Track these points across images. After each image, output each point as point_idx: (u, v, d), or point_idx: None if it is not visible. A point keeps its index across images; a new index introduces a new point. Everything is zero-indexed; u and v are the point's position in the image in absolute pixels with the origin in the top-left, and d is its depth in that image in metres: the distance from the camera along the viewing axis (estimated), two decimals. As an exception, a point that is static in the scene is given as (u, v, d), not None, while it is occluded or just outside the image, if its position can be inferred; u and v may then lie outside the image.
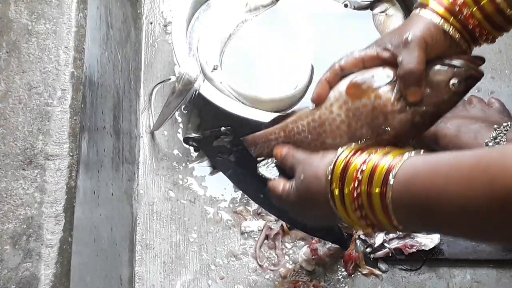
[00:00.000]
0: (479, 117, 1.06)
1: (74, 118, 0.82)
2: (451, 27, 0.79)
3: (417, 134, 0.83)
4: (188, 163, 1.12)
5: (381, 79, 0.80)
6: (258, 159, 0.87)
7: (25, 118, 0.81)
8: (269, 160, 0.86)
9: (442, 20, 0.79)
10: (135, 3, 1.24)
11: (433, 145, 1.08)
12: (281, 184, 0.81)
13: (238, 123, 1.04)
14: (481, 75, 0.80)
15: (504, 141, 0.98)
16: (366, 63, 0.82)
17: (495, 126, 1.01)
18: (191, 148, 1.13)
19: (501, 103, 1.10)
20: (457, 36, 0.80)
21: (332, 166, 0.72)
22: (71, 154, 0.80)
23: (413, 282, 1.02)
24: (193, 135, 1.11)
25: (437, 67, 0.79)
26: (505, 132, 0.99)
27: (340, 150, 0.74)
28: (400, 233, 0.97)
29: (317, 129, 0.83)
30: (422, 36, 0.78)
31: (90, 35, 0.91)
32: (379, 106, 0.79)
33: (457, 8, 0.79)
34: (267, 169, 0.86)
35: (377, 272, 1.03)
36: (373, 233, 1.02)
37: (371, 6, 1.22)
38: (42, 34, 0.87)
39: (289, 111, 0.89)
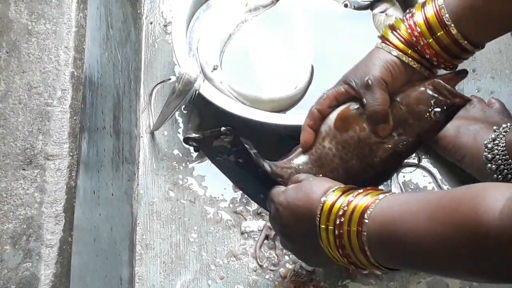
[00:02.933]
0: (479, 118, 1.06)
1: (74, 118, 0.82)
2: (410, 58, 0.83)
3: (402, 161, 0.87)
4: (188, 163, 1.12)
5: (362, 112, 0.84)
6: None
7: (25, 118, 0.81)
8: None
9: (401, 53, 0.83)
10: (135, 3, 1.24)
11: (433, 145, 1.08)
12: (282, 187, 0.85)
13: (238, 123, 1.04)
14: (464, 103, 0.82)
15: (503, 143, 0.98)
16: (339, 100, 0.86)
17: (495, 127, 1.01)
18: (191, 148, 1.13)
19: (501, 103, 1.10)
20: (416, 66, 0.83)
21: (321, 205, 0.76)
22: (71, 154, 0.80)
23: (413, 282, 1.02)
24: (193, 135, 1.11)
25: (419, 95, 0.82)
26: (504, 133, 0.99)
27: (329, 192, 0.77)
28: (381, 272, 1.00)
29: (317, 162, 0.87)
30: (381, 77, 0.82)
31: (90, 35, 0.91)
32: (363, 138, 0.84)
33: (414, 40, 0.82)
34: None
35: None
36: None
37: (371, 6, 1.22)
38: (42, 34, 0.87)
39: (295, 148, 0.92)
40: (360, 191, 0.75)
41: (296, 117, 1.06)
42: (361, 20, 1.22)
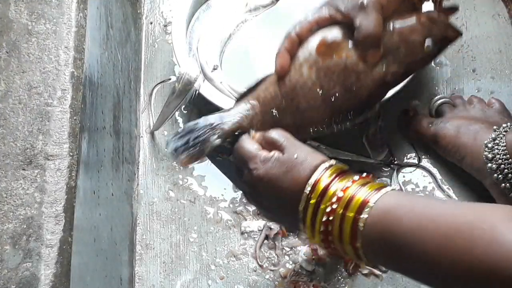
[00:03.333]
0: (479, 118, 1.06)
1: (74, 118, 0.82)
2: None
3: (387, 91, 0.83)
4: (188, 163, 1.12)
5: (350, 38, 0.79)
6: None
7: (25, 118, 0.81)
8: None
9: None
10: (135, 3, 1.24)
11: (433, 145, 1.08)
12: (260, 148, 0.77)
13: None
14: (458, 35, 0.79)
15: (503, 142, 0.98)
16: (321, 25, 0.81)
17: (495, 127, 1.01)
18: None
19: (501, 103, 1.10)
20: None
21: (313, 181, 0.71)
22: (71, 154, 0.80)
23: (413, 282, 1.02)
24: (193, 135, 1.11)
25: (414, 25, 0.78)
26: (504, 133, 0.99)
27: (321, 168, 0.72)
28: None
29: (290, 93, 0.80)
30: None
31: (90, 35, 0.91)
32: (351, 65, 0.78)
33: None
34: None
35: (377, 272, 1.03)
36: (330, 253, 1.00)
37: (371, 6, 1.22)
38: (42, 34, 0.87)
39: (257, 80, 0.84)
40: (356, 177, 0.71)
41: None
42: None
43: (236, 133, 0.82)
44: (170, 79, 1.11)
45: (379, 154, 1.09)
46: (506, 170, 0.96)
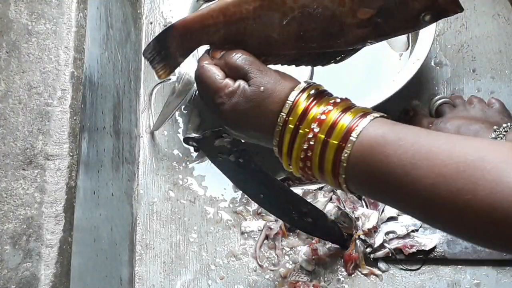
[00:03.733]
0: (479, 118, 1.06)
1: (74, 118, 0.82)
2: None
3: (364, 46, 0.75)
4: (188, 163, 1.12)
5: None
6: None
7: (25, 118, 0.81)
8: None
9: None
10: (135, 3, 1.24)
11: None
12: (223, 75, 0.71)
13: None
14: (454, 12, 0.71)
15: (503, 142, 0.98)
16: None
17: (495, 127, 1.01)
18: (191, 148, 1.13)
19: (502, 103, 1.10)
20: None
21: (292, 102, 0.67)
22: (71, 154, 0.80)
23: (413, 282, 1.02)
24: (193, 135, 1.11)
25: None
26: (504, 133, 0.99)
27: (298, 88, 0.68)
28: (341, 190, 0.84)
29: (263, 18, 0.73)
30: None
31: (90, 35, 0.91)
32: (340, 14, 0.72)
33: None
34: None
35: (377, 272, 1.03)
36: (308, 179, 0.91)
37: (371, 6, 1.21)
38: (42, 34, 0.87)
39: None
40: (338, 100, 0.66)
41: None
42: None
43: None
44: (170, 79, 1.11)
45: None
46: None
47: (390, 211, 1.04)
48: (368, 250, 1.03)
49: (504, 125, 1.00)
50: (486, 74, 1.18)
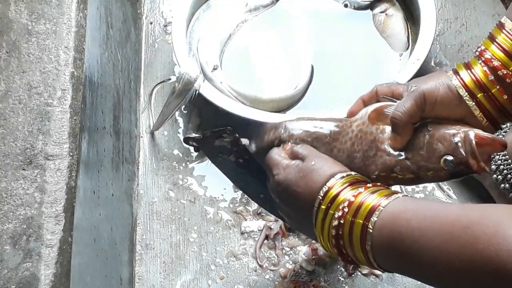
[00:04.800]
0: (479, 117, 1.06)
1: (74, 118, 0.82)
2: (466, 93, 0.76)
3: (392, 185, 0.82)
4: (188, 163, 1.12)
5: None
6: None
7: (25, 118, 0.81)
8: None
9: (459, 84, 0.77)
10: (135, 3, 1.24)
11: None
12: (286, 157, 0.82)
13: (238, 123, 1.04)
14: (478, 170, 0.74)
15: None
16: (395, 96, 0.82)
17: (495, 127, 1.01)
18: (191, 148, 1.13)
19: (501, 103, 1.10)
20: (471, 103, 0.76)
21: (326, 188, 0.74)
22: (71, 154, 0.80)
23: (413, 282, 1.02)
24: (193, 135, 1.11)
25: (446, 135, 0.76)
26: (504, 133, 0.99)
27: (337, 176, 0.75)
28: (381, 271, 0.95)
29: (333, 135, 0.85)
30: (423, 91, 0.77)
31: (90, 35, 0.91)
32: (378, 140, 0.81)
33: (492, 78, 0.75)
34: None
35: (377, 272, 1.03)
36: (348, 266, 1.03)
37: (371, 6, 1.22)
38: (42, 34, 0.87)
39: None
40: (369, 185, 0.74)
41: (296, 117, 1.06)
42: (361, 20, 1.22)
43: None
44: (170, 79, 1.11)
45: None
46: (505, 171, 0.96)
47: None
48: (368, 250, 1.03)
49: (503, 126, 1.00)
50: (486, 74, 1.18)
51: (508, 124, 1.01)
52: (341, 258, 0.74)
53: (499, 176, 0.97)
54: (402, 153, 0.79)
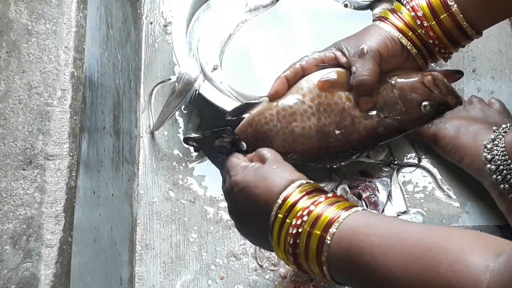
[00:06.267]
0: (479, 118, 1.06)
1: (74, 118, 0.82)
2: (409, 42, 0.81)
3: (379, 143, 0.85)
4: (188, 163, 1.12)
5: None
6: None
7: (25, 118, 0.81)
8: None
9: (401, 34, 0.81)
10: (135, 3, 1.24)
11: (433, 145, 1.08)
12: (246, 159, 0.81)
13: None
14: (456, 104, 0.81)
15: (502, 143, 0.98)
16: (327, 64, 0.84)
17: (494, 128, 1.01)
18: (191, 148, 1.13)
19: (502, 103, 1.10)
20: (413, 51, 0.82)
21: (282, 198, 0.72)
22: (71, 154, 0.80)
23: (413, 282, 1.02)
24: (193, 135, 1.11)
25: (416, 84, 0.80)
26: (503, 133, 0.99)
27: (296, 183, 0.73)
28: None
29: (287, 117, 0.83)
30: (377, 49, 0.80)
31: (90, 35, 0.91)
32: (348, 108, 0.82)
33: (418, 22, 0.81)
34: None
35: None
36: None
37: (371, 6, 1.22)
38: (42, 34, 0.87)
39: (250, 101, 0.89)
40: (329, 195, 0.72)
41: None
42: (361, 20, 1.21)
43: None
44: (170, 79, 1.11)
45: (379, 154, 1.09)
46: (505, 171, 0.96)
47: (390, 211, 1.04)
48: (368, 250, 1.03)
49: (504, 125, 1.00)
50: (486, 74, 1.19)
51: (508, 124, 1.01)
52: (296, 267, 0.73)
53: (499, 177, 0.97)
54: (380, 114, 0.81)
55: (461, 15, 0.79)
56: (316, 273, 0.70)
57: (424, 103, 0.80)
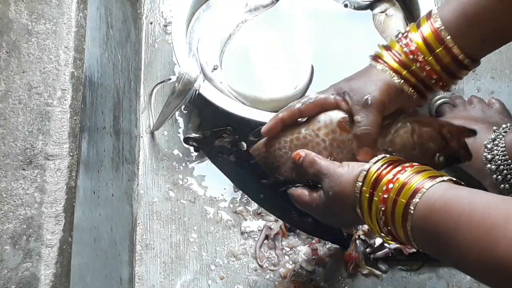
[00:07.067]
0: (479, 118, 1.06)
1: (74, 118, 0.82)
2: (402, 80, 0.80)
3: None
4: (188, 163, 1.12)
5: None
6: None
7: (25, 118, 0.81)
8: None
9: (402, 80, 0.80)
10: (135, 3, 1.24)
11: (433, 145, 1.08)
12: (307, 195, 0.82)
13: (238, 123, 1.04)
14: (465, 160, 0.83)
15: (502, 143, 0.98)
16: (326, 109, 0.84)
17: (494, 128, 1.01)
18: (191, 148, 1.13)
19: (502, 103, 1.10)
20: (408, 89, 0.81)
21: (362, 179, 0.74)
22: (71, 154, 0.80)
23: (413, 282, 1.02)
24: (193, 135, 1.11)
25: (434, 135, 0.82)
26: (504, 133, 0.99)
27: (373, 160, 0.75)
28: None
29: (299, 147, 0.84)
30: (381, 99, 0.80)
31: (90, 35, 0.91)
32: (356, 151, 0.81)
33: (411, 57, 0.80)
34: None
35: (377, 272, 1.03)
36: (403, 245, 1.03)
37: (371, 6, 1.22)
38: (42, 34, 0.87)
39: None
40: (407, 164, 0.74)
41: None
42: (361, 20, 1.22)
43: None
44: (170, 79, 1.11)
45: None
46: (505, 171, 0.96)
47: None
48: (368, 250, 1.03)
49: (504, 125, 1.00)
50: (486, 74, 1.19)
51: (508, 124, 1.01)
52: (391, 238, 0.74)
53: (499, 176, 0.97)
54: (396, 154, 0.81)
55: (458, 49, 0.78)
56: (403, 238, 0.72)
57: (438, 154, 0.81)
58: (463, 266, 0.67)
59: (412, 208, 0.68)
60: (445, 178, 0.71)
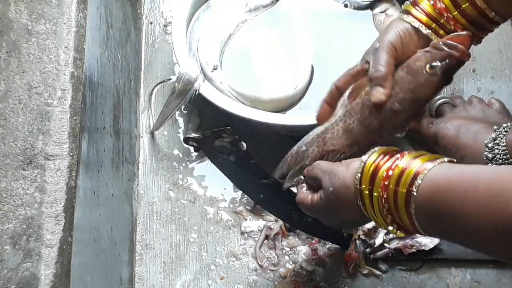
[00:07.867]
0: (479, 118, 1.06)
1: (74, 118, 0.82)
2: (430, 31, 0.82)
3: (401, 120, 0.84)
4: (188, 163, 1.12)
5: None
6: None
7: (25, 118, 0.81)
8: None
9: (423, 26, 0.82)
10: (135, 3, 1.24)
11: (433, 145, 1.08)
12: (309, 197, 0.83)
13: (238, 123, 1.04)
14: (462, 55, 0.79)
15: (503, 142, 0.98)
16: (357, 78, 0.86)
17: (495, 127, 1.01)
18: (191, 148, 1.13)
19: (502, 103, 1.10)
20: (433, 37, 0.82)
21: (361, 170, 0.75)
22: (71, 154, 0.80)
23: (413, 282, 1.02)
24: (193, 135, 1.11)
25: (417, 54, 0.81)
26: (504, 133, 0.99)
27: (367, 155, 0.76)
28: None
29: (320, 136, 0.87)
30: (389, 41, 0.82)
31: (90, 35, 0.91)
32: (365, 101, 0.84)
33: (438, 12, 0.82)
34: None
35: (377, 272, 1.03)
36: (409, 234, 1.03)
37: (371, 6, 1.22)
38: (42, 34, 0.87)
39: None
40: (405, 152, 0.74)
41: (296, 117, 1.07)
42: (361, 20, 1.22)
43: None
44: (170, 79, 1.11)
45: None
46: (506, 170, 0.96)
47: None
48: (368, 250, 1.03)
49: (504, 125, 1.00)
50: (486, 74, 1.19)
51: (509, 124, 1.01)
52: (396, 227, 0.73)
53: (499, 176, 0.97)
54: (393, 92, 0.81)
55: (485, 4, 0.79)
56: (411, 229, 0.71)
57: (427, 65, 0.80)
58: (473, 241, 0.66)
59: (414, 190, 0.68)
60: (445, 159, 0.71)
